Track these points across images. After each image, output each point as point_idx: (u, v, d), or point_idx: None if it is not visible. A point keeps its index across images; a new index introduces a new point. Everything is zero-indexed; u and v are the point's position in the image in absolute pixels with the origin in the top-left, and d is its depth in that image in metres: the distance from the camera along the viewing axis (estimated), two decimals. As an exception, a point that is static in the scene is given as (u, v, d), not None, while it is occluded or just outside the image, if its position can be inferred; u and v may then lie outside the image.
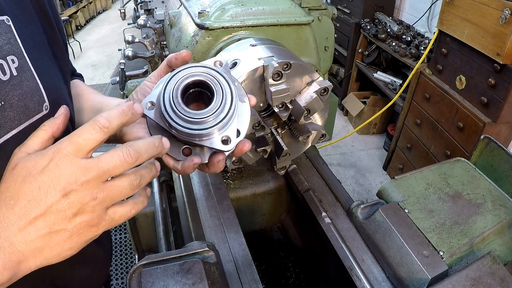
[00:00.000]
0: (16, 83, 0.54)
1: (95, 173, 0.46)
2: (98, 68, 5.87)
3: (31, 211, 0.45)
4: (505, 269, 0.80)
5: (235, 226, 1.01)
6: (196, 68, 0.53)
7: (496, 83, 2.14)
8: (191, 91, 0.55)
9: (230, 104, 0.52)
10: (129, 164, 0.48)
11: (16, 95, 0.54)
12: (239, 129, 0.55)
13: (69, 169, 0.45)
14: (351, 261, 0.92)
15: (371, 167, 3.55)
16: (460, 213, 0.94)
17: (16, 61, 0.54)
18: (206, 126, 0.51)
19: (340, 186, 1.18)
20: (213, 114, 0.51)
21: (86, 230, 0.48)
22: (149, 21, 1.35)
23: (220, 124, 0.51)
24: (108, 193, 0.47)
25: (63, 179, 0.45)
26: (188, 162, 0.56)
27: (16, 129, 0.54)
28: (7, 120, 0.53)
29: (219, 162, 0.57)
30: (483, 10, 2.09)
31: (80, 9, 7.51)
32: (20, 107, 0.55)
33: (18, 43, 0.55)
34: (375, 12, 3.67)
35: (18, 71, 0.54)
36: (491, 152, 1.11)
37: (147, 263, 0.77)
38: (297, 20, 1.04)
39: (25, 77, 0.56)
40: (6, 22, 0.54)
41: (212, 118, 0.51)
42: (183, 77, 0.53)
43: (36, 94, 0.57)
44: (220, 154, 0.57)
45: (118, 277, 2.38)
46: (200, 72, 0.53)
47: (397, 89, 3.20)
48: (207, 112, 0.51)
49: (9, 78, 0.53)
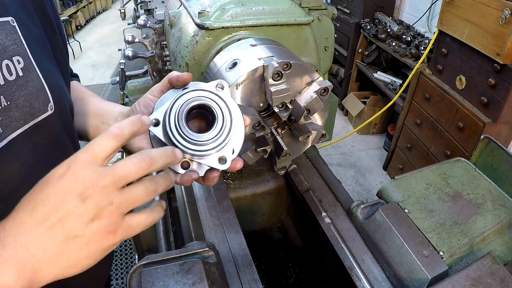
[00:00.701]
0: (22, 83, 0.54)
1: (111, 178, 0.46)
2: (98, 68, 5.87)
3: (49, 216, 0.45)
4: (505, 269, 0.80)
5: (235, 226, 1.01)
6: (200, 92, 0.58)
7: (496, 83, 2.14)
8: (193, 111, 0.60)
9: (229, 129, 0.57)
10: (144, 170, 0.49)
11: (22, 95, 0.54)
12: (233, 148, 0.60)
13: (86, 175, 0.46)
14: (351, 261, 0.92)
15: (371, 167, 3.55)
16: (460, 213, 0.94)
17: (22, 61, 0.55)
18: (207, 148, 0.56)
19: (340, 186, 1.18)
20: (214, 138, 0.56)
21: (104, 237, 0.47)
22: (149, 21, 1.35)
23: (219, 147, 0.57)
24: (125, 199, 0.48)
25: (80, 184, 0.45)
26: (187, 177, 0.59)
27: (21, 129, 0.55)
28: (12, 120, 0.53)
29: (214, 178, 0.62)
30: (483, 10, 2.09)
31: (80, 9, 7.50)
32: (25, 107, 0.55)
33: (23, 43, 0.56)
34: (375, 12, 3.67)
35: (23, 71, 0.55)
36: (491, 152, 1.11)
37: (147, 263, 0.77)
38: (297, 20, 1.04)
39: (31, 78, 0.56)
40: (11, 23, 0.55)
41: (212, 141, 0.56)
42: (188, 100, 0.57)
43: (41, 94, 0.58)
44: (215, 171, 0.62)
45: (118, 277, 2.38)
46: (204, 97, 0.58)
47: (397, 89, 3.20)
48: (209, 136, 0.56)
49: (15, 78, 0.53)
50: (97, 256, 0.48)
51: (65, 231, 0.45)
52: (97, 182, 0.46)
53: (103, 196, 0.46)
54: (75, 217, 0.45)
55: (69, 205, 0.45)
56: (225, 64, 0.88)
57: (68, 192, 0.45)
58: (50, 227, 0.44)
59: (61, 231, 0.45)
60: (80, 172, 0.46)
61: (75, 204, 0.45)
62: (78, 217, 0.45)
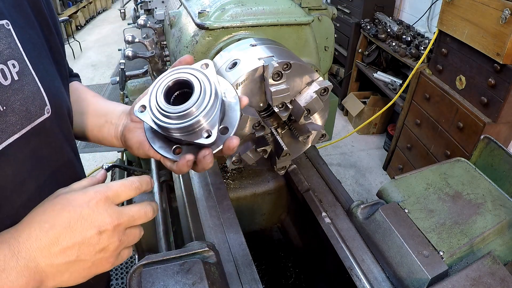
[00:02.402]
0: (17, 87, 0.54)
1: (126, 219, 0.55)
2: (98, 68, 5.87)
3: (65, 238, 0.50)
4: (505, 269, 0.80)
5: (235, 226, 1.01)
6: (183, 70, 0.57)
7: (496, 83, 2.14)
8: (177, 93, 0.58)
9: (209, 98, 0.54)
10: (147, 219, 0.59)
11: (18, 100, 0.54)
12: (227, 126, 0.58)
13: (107, 211, 0.53)
14: (351, 261, 0.92)
15: (371, 167, 3.55)
16: (460, 213, 0.94)
17: (17, 65, 0.54)
18: (189, 121, 0.54)
19: (340, 186, 1.18)
20: (194, 110, 0.54)
21: (103, 265, 0.55)
22: (149, 21, 1.35)
23: (203, 121, 0.54)
24: (128, 238, 0.56)
25: (101, 219, 0.52)
26: (182, 161, 0.60)
27: (18, 134, 0.54)
28: (9, 125, 0.53)
29: (205, 158, 0.60)
30: (483, 10, 2.09)
31: (80, 9, 7.50)
32: (22, 111, 0.54)
33: (18, 47, 0.55)
34: (375, 12, 3.67)
35: (19, 75, 0.54)
36: (491, 152, 1.11)
37: (147, 263, 0.77)
38: (297, 20, 1.04)
39: (26, 81, 0.55)
40: (6, 26, 0.54)
41: (194, 115, 0.54)
42: (166, 78, 0.57)
43: (37, 98, 0.57)
44: (205, 149, 0.59)
45: (118, 277, 2.38)
46: (183, 73, 0.57)
47: (397, 89, 3.20)
48: (186, 106, 0.54)
49: (10, 82, 0.53)
50: (90, 276, 0.55)
51: (77, 255, 0.51)
52: (114, 220, 0.53)
53: (116, 234, 0.53)
54: (89, 245, 0.52)
55: (87, 234, 0.51)
56: (225, 64, 0.88)
57: (88, 221, 0.51)
58: (64, 249, 0.50)
59: (74, 254, 0.51)
60: (102, 207, 0.53)
61: (92, 235, 0.51)
62: (92, 246, 0.52)
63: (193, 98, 0.54)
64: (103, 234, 0.52)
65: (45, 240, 0.49)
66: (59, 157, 0.66)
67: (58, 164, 0.65)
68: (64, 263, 0.50)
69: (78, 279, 0.54)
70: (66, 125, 0.69)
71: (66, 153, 0.68)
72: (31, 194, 0.58)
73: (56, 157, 0.64)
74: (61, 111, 0.64)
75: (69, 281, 0.53)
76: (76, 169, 0.73)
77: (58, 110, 0.62)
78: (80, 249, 0.51)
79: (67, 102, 0.68)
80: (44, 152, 0.61)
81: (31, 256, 0.48)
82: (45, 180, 0.61)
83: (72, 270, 0.52)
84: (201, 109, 0.54)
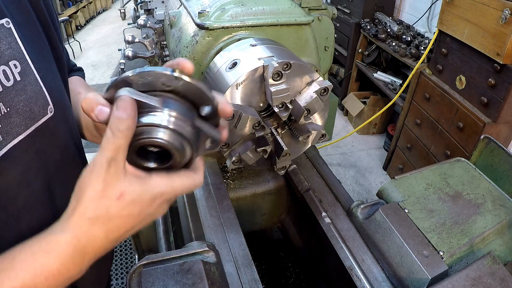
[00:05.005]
0: (20, 88, 0.53)
1: (173, 194, 0.52)
2: (98, 68, 5.87)
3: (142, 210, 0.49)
4: (505, 269, 0.80)
5: (235, 226, 1.01)
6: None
7: (496, 83, 2.14)
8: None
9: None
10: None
11: (21, 101, 0.53)
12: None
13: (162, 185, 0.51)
14: (351, 261, 0.92)
15: (371, 167, 3.55)
16: (460, 213, 0.94)
17: (19, 65, 0.53)
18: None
19: (340, 186, 1.18)
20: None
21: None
22: (149, 21, 1.35)
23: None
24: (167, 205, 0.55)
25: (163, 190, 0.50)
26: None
27: (22, 135, 0.54)
28: (13, 126, 0.52)
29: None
30: (483, 10, 2.09)
31: (80, 9, 7.50)
32: (25, 112, 0.54)
33: (20, 46, 0.54)
34: (375, 12, 3.67)
35: (21, 75, 0.54)
36: (491, 152, 1.11)
37: (147, 263, 0.77)
38: (297, 20, 1.04)
39: (29, 81, 0.55)
40: (6, 25, 0.53)
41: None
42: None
43: (40, 98, 0.57)
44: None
45: (118, 277, 2.38)
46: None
47: (397, 89, 3.20)
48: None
49: (13, 83, 0.52)
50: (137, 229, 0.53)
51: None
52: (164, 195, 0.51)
53: (166, 203, 0.52)
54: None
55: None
56: (225, 64, 0.88)
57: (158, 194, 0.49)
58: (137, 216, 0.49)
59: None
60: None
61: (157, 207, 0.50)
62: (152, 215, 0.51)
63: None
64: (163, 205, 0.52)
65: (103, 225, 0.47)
66: (64, 155, 0.65)
67: (63, 163, 0.65)
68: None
69: (127, 232, 0.51)
70: (69, 123, 0.68)
71: (70, 151, 0.68)
72: (37, 194, 0.58)
73: (61, 156, 0.64)
74: (63, 109, 0.64)
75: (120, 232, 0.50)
76: (81, 167, 0.73)
77: (60, 108, 0.62)
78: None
79: (67, 100, 0.68)
80: (49, 152, 0.61)
81: (91, 237, 0.47)
82: (50, 179, 0.61)
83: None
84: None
